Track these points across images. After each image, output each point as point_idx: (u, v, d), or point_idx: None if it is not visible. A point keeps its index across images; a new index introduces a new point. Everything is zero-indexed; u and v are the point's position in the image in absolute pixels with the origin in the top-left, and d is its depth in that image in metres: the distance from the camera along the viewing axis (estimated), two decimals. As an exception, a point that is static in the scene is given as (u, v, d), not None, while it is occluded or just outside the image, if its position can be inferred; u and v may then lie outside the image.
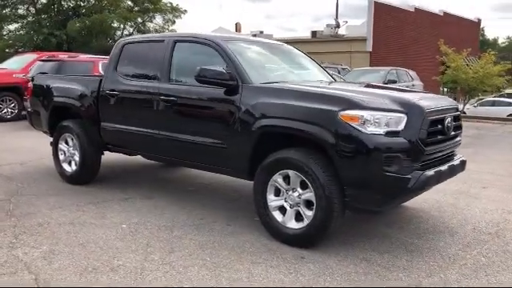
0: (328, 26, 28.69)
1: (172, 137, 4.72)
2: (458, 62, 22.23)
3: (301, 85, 4.32)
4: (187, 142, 4.59)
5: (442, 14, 33.13)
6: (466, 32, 34.11)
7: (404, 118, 3.57)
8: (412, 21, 28.96)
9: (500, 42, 78.59)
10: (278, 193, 3.98)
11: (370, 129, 3.48)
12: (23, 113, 12.72)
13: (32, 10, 29.93)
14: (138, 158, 6.19)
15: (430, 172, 3.67)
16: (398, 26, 27.69)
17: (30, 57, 13.94)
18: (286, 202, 3.93)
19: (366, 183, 3.53)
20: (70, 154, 5.88)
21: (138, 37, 5.40)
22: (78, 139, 5.68)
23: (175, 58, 4.84)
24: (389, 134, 3.51)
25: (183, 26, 33.34)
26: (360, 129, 3.48)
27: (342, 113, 3.54)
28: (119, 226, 4.35)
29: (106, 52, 20.62)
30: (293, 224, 3.88)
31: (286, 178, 3.91)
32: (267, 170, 3.96)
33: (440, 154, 3.93)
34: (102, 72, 11.68)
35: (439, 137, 3.85)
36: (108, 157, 6.02)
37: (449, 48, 22.44)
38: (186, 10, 29.51)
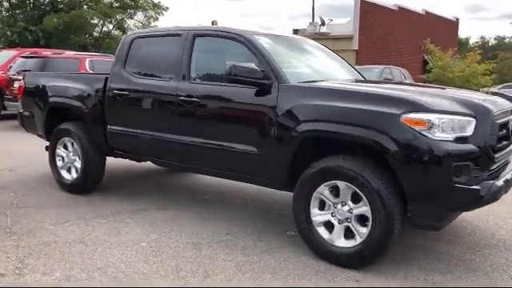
0: (311, 24, 28.38)
1: (192, 142, 4.22)
2: (444, 60, 22.24)
3: (347, 84, 3.88)
4: (211, 149, 4.11)
5: (423, 13, 33.25)
6: (445, 31, 34.29)
7: (473, 121, 3.17)
8: (396, 19, 28.91)
9: (473, 41, 79.78)
10: (323, 206, 3.54)
11: (438, 134, 3.07)
12: (3, 112, 12.00)
13: (6, 4, 28.72)
14: (141, 163, 5.67)
15: (500, 182, 3.27)
16: (383, 25, 27.59)
17: (9, 53, 13.16)
18: (333, 216, 3.48)
19: (431, 196, 3.12)
20: (70, 160, 5.31)
21: (149, 30, 4.87)
22: (79, 144, 5.12)
23: (195, 54, 4.34)
24: (458, 139, 3.11)
25: (163, 24, 32.50)
26: (426, 134, 3.07)
27: (405, 116, 3.12)
28: (138, 244, 3.84)
29: (85, 49, 19.69)
30: (342, 242, 3.44)
31: (334, 190, 3.46)
32: (311, 180, 3.51)
33: (503, 161, 3.54)
34: (88, 70, 11.08)
35: (504, 142, 3.46)
36: (108, 162, 5.46)
37: (435, 47, 22.45)
38: (167, 7, 28.87)
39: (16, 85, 10.64)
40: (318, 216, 3.53)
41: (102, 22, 27.29)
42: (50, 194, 5.24)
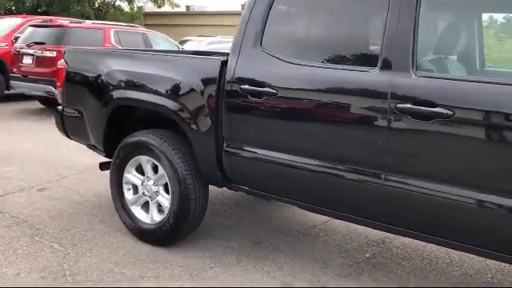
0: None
1: (427, 191, 2.23)
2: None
3: None
4: (475, 206, 2.12)
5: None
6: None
7: None
8: None
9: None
10: None
11: None
12: (6, 92, 9.84)
13: (-1, -32, 25.86)
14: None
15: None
16: None
17: (13, 21, 10.86)
18: None
19: None
20: (149, 191, 3.29)
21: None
22: (169, 167, 3.09)
23: (427, 21, 2.31)
24: None
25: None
26: None
27: None
28: None
29: (88, 19, 17.33)
30: None
31: None
32: None
33: None
34: (114, 43, 8.96)
35: None
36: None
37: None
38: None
39: (26, 60, 8.56)
40: None
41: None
42: (115, 245, 3.27)
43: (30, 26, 9.30)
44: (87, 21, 10.32)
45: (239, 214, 4.03)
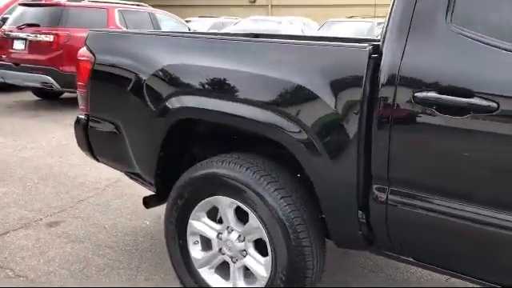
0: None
1: None
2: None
3: None
4: None
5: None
6: None
7: None
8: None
9: None
10: None
11: None
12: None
13: None
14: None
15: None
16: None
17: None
18: None
19: None
20: (231, 249, 2.15)
21: None
22: (271, 217, 1.96)
23: None
24: None
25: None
26: None
27: None
28: None
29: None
30: None
31: None
32: None
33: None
34: (119, 25, 7.75)
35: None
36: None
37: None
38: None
39: (17, 45, 7.30)
40: None
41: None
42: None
43: (19, 4, 8.00)
44: (86, -1, 9.01)
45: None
